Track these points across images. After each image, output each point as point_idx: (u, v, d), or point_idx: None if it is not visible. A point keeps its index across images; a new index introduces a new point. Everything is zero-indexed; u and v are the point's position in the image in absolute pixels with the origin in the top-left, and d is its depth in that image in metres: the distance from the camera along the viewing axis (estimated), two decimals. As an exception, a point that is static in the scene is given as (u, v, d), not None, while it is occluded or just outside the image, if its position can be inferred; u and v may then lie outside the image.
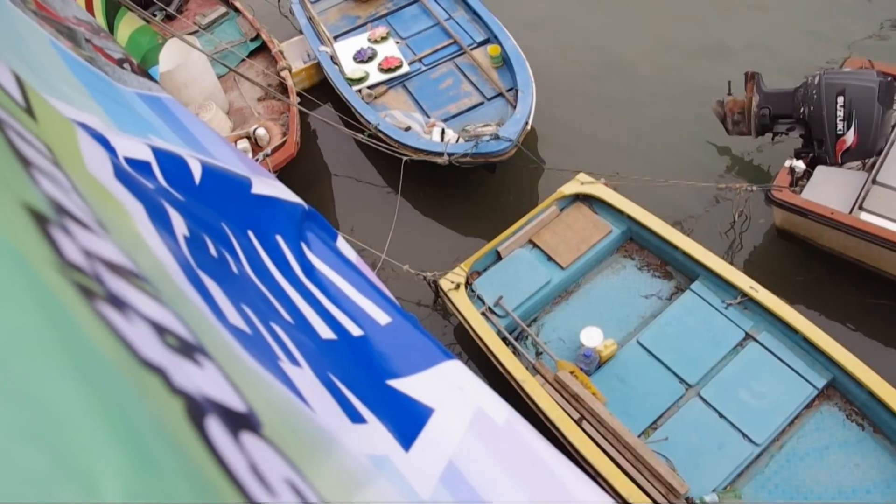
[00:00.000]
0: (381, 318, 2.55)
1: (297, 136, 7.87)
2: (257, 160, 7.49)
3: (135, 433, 0.84)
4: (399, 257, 6.76)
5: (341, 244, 2.94)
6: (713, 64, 8.90)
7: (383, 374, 2.35)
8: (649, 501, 5.02)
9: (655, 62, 9.20)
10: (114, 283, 1.13)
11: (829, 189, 6.56)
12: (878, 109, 6.39)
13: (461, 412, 2.22)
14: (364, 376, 2.31)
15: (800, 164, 6.58)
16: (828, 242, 6.65)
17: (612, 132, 8.49)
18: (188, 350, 1.22)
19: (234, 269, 2.23)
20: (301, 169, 8.40)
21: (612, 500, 2.05)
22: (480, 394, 2.28)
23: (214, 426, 1.07)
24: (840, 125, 6.49)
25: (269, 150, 7.69)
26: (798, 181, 6.68)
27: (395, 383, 2.32)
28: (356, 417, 2.10)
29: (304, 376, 1.99)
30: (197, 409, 1.05)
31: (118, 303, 1.07)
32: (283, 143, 7.83)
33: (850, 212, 6.34)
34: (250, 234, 2.58)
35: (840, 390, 5.65)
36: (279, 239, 2.72)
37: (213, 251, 2.13)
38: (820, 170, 6.70)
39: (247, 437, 1.19)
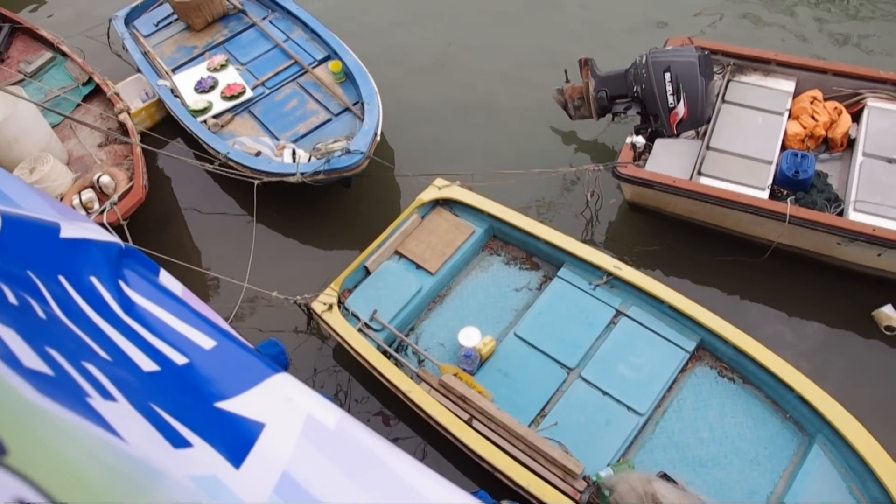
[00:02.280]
0: (206, 343, 2.62)
1: (145, 179, 7.56)
2: (104, 210, 7.16)
3: None
4: (268, 284, 6.63)
5: (164, 278, 3.00)
6: (548, 56, 9.19)
7: (211, 397, 2.42)
8: (548, 488, 5.15)
9: (494, 61, 9.42)
10: None
11: (670, 159, 6.92)
12: (701, 81, 6.81)
13: (292, 423, 2.32)
14: (191, 402, 2.37)
15: (640, 140, 6.92)
16: (675, 209, 7.02)
17: (464, 134, 8.63)
18: None
19: (41, 313, 2.25)
20: (154, 211, 8.12)
21: (447, 485, 2.17)
22: (310, 401, 2.40)
23: None
24: (671, 99, 6.85)
25: (115, 198, 7.35)
26: (641, 155, 7.01)
27: (223, 404, 2.39)
28: (179, 442, 2.16)
29: (119, 410, 2.04)
30: None
31: None
32: (130, 188, 7.50)
33: (691, 178, 6.72)
34: (61, 278, 2.60)
35: (709, 350, 5.96)
36: (94, 280, 2.74)
37: (11, 299, 2.15)
38: (659, 142, 7.07)
39: None
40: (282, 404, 2.40)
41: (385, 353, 6.08)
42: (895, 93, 7.19)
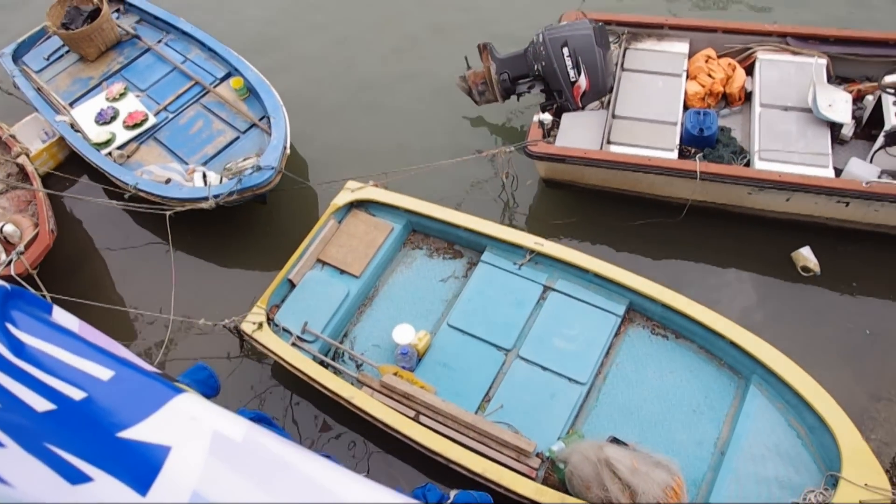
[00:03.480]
0: (104, 374, 2.58)
1: (51, 223, 7.27)
2: (10, 262, 6.87)
3: None
4: (195, 312, 6.51)
5: (58, 314, 2.94)
6: (446, 46, 9.22)
7: (112, 427, 2.40)
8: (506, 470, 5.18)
9: (394, 58, 9.41)
10: None
11: (579, 132, 7.03)
12: (598, 52, 6.94)
13: (198, 442, 2.32)
14: (90, 436, 2.37)
15: (546, 116, 7.02)
16: (590, 180, 7.15)
17: (374, 134, 8.60)
18: None
19: None
20: (66, 254, 7.86)
21: (365, 482, 2.20)
22: (215, 418, 2.41)
23: None
24: (572, 73, 6.96)
25: (21, 248, 7.03)
26: (550, 132, 7.11)
27: (125, 433, 2.37)
28: (78, 478, 2.18)
29: (7, 456, 2.09)
30: None
31: None
32: (37, 235, 7.23)
33: (601, 148, 6.83)
34: None
35: (639, 311, 6.08)
36: None
37: None
38: (566, 117, 7.17)
39: None
40: (186, 425, 2.39)
41: (322, 363, 6.03)
42: (782, 44, 7.46)
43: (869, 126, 7.00)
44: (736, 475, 5.12)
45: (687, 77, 7.41)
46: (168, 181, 7.48)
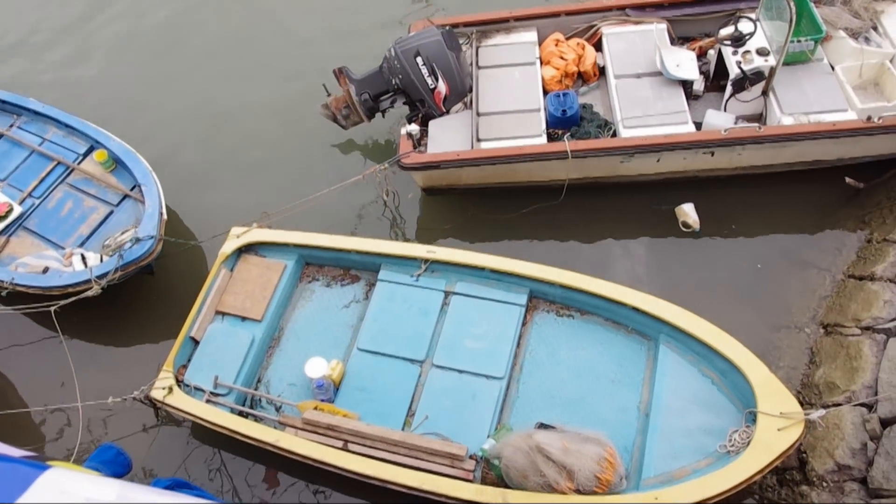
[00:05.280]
0: None
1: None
2: None
3: None
4: (102, 393, 6.24)
5: None
6: (302, 78, 9.15)
7: None
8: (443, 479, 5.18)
9: (250, 98, 9.26)
10: None
11: (448, 136, 7.13)
12: (451, 55, 7.06)
13: None
14: None
15: (414, 127, 7.09)
16: (468, 180, 7.25)
17: (251, 179, 8.45)
18: None
19: None
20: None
21: None
22: (86, 485, 2.37)
23: None
24: (429, 80, 7.04)
25: None
26: (420, 141, 7.17)
27: None
28: None
29: None
30: None
31: None
32: None
33: (472, 147, 6.93)
34: None
35: (540, 297, 6.19)
36: None
37: None
38: (433, 124, 7.27)
39: None
40: (56, 499, 2.30)
41: (241, 413, 5.91)
42: (623, 16, 7.77)
43: (717, 78, 7.37)
44: (663, 433, 5.27)
45: (541, 63, 7.61)
46: (46, 270, 7.17)
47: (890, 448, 5.05)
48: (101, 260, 7.04)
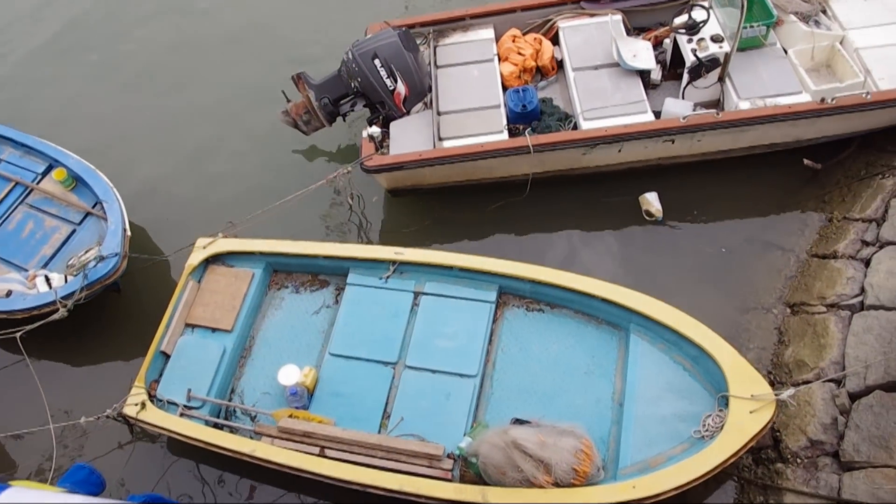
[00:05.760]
0: None
1: None
2: None
3: None
4: (74, 414, 6.20)
5: None
6: (262, 88, 9.05)
7: None
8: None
9: (209, 108, 9.14)
10: None
11: (410, 137, 7.12)
12: (409, 56, 7.06)
13: None
14: None
15: (375, 130, 7.07)
16: (432, 180, 7.25)
17: (214, 189, 8.35)
18: None
19: None
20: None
21: None
22: (45, 501, 2.35)
23: None
24: (388, 82, 7.03)
25: None
26: (382, 143, 7.15)
27: None
28: None
29: None
30: None
31: None
32: None
33: (434, 147, 6.93)
34: None
35: (510, 293, 6.20)
36: None
37: None
38: (394, 125, 7.25)
39: None
40: None
41: (216, 425, 5.85)
42: (577, 9, 7.81)
43: (674, 66, 7.44)
44: (638, 421, 5.31)
45: (499, 60, 7.63)
46: (9, 294, 7.03)
47: (859, 421, 5.14)
48: (66, 280, 6.91)
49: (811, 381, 5.51)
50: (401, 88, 7.04)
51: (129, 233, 7.08)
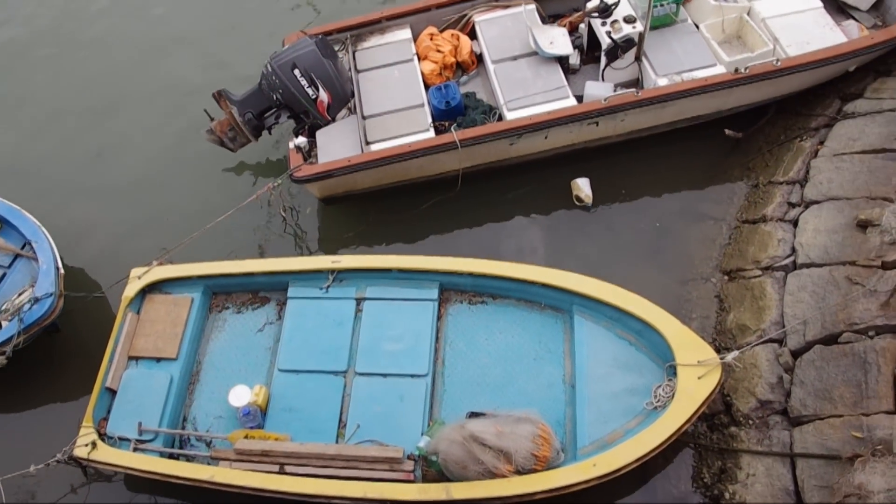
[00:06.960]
0: None
1: None
2: None
3: None
4: (21, 465, 5.94)
5: None
6: (181, 111, 8.90)
7: None
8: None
9: (132, 137, 8.92)
10: None
11: (337, 144, 7.08)
12: (328, 64, 7.02)
13: None
14: None
15: (301, 140, 7.02)
16: (364, 184, 7.23)
17: (146, 218, 8.12)
18: None
19: None
20: None
21: None
22: None
23: None
24: (310, 91, 6.98)
25: None
26: (310, 153, 7.10)
27: None
28: None
29: None
30: None
31: None
32: None
33: (362, 151, 6.90)
34: None
35: (451, 289, 6.23)
36: None
37: None
38: (320, 134, 7.21)
39: None
40: None
41: (171, 455, 5.74)
42: (491, 2, 7.88)
43: (591, 50, 7.55)
44: (591, 400, 5.39)
45: (418, 59, 7.65)
46: (-58, 345, 6.79)
47: (803, 377, 5.29)
48: (1, 326, 6.69)
49: (753, 343, 5.65)
50: (323, 96, 7.00)
51: (62, 271, 6.87)
